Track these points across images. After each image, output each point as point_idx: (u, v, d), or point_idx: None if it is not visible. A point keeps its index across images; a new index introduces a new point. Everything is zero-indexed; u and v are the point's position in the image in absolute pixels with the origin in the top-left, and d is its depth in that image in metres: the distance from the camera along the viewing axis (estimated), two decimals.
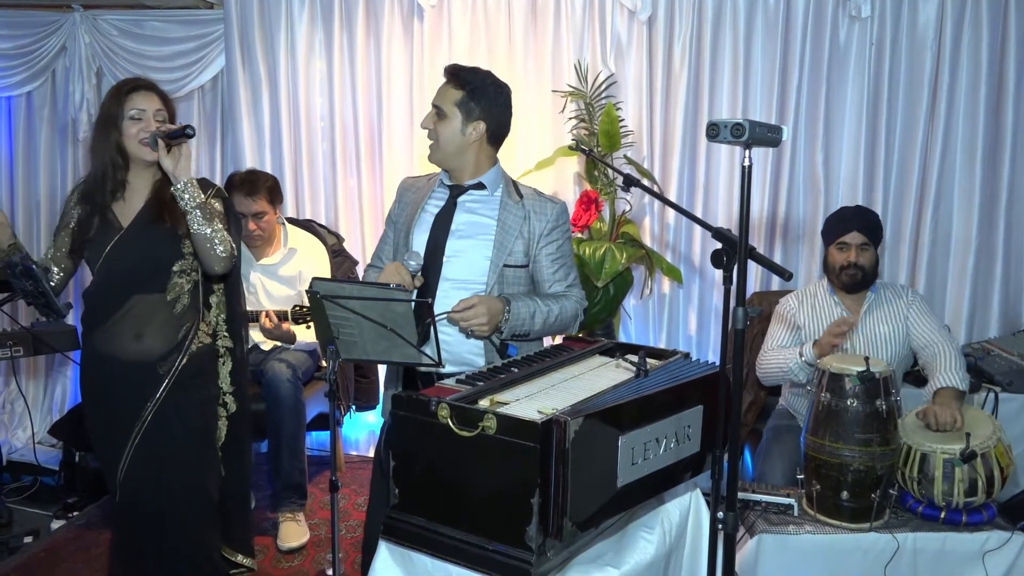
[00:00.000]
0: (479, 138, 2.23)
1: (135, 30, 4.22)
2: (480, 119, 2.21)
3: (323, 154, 4.14)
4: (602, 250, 3.42)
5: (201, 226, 2.26)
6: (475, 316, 2.07)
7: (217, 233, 2.28)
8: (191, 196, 2.24)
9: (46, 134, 4.45)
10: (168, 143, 2.23)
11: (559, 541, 1.60)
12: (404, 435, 1.73)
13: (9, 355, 3.29)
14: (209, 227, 2.26)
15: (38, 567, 3.03)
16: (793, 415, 3.06)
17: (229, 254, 2.32)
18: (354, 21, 3.98)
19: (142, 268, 2.35)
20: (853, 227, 2.92)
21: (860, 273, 2.91)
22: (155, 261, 2.34)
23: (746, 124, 1.63)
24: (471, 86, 2.21)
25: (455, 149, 2.23)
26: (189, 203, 2.24)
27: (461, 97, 2.20)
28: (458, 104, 2.20)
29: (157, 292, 2.35)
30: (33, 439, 4.17)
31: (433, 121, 2.24)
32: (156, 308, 2.36)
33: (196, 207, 2.25)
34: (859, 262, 2.90)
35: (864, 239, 2.91)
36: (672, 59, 3.80)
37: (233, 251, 2.35)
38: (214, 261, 2.30)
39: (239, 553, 2.72)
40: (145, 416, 2.35)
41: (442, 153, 2.25)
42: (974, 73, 3.62)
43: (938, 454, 2.41)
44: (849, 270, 2.91)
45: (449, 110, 2.21)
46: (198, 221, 2.25)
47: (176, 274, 2.37)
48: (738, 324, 1.73)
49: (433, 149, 2.26)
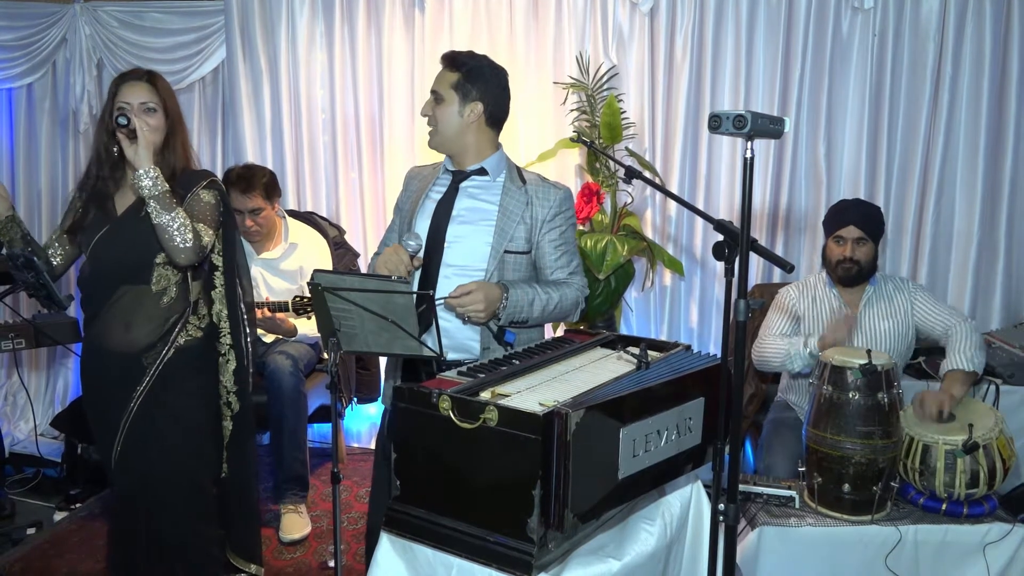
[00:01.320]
0: (477, 119, 2.23)
1: (135, 21, 4.21)
2: (477, 100, 2.22)
3: (324, 146, 4.13)
4: (603, 242, 3.42)
5: (158, 216, 2.24)
6: (472, 302, 2.07)
7: (175, 223, 2.25)
8: (148, 184, 2.22)
9: (47, 126, 4.44)
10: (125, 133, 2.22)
11: (560, 532, 1.60)
12: (406, 427, 1.73)
13: (11, 347, 3.29)
14: (166, 217, 2.24)
15: (40, 558, 3.04)
16: (791, 407, 3.06)
17: (193, 245, 2.28)
18: (355, 13, 3.97)
19: (127, 259, 2.35)
20: (850, 221, 2.89)
21: (855, 268, 2.89)
22: (140, 252, 2.34)
23: (748, 115, 1.63)
24: (467, 67, 2.21)
25: (454, 132, 2.23)
26: (146, 192, 2.23)
27: (457, 79, 2.21)
28: (454, 86, 2.21)
29: (143, 283, 2.36)
30: (35, 431, 4.19)
31: (431, 107, 2.24)
32: (142, 299, 2.36)
33: (152, 196, 2.23)
34: (855, 256, 2.88)
35: (861, 233, 2.88)
36: (674, 50, 3.79)
37: (200, 243, 2.31)
38: (175, 252, 2.28)
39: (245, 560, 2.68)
40: (131, 406, 2.36)
41: (441, 137, 2.25)
42: (977, 64, 3.60)
43: (940, 445, 2.42)
44: (844, 264, 2.89)
45: (446, 93, 2.21)
46: (155, 211, 2.24)
47: (160, 266, 2.36)
48: (740, 316, 1.73)
49: (432, 135, 2.27)
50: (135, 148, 2.23)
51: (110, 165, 2.38)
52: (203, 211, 2.37)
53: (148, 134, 2.25)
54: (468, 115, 2.22)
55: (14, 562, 3.02)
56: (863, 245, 2.89)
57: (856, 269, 2.89)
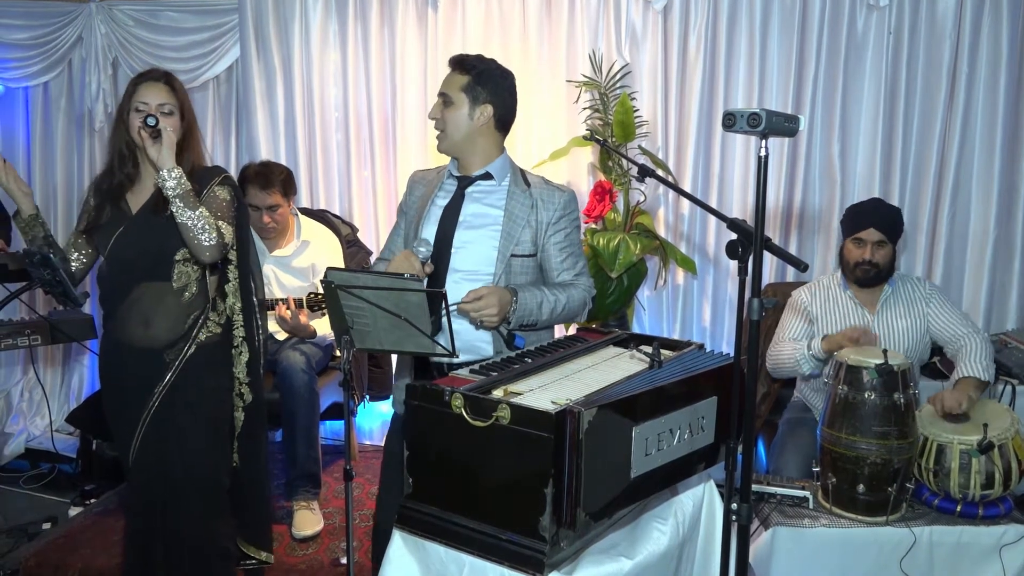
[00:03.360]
0: (487, 122, 2.23)
1: (150, 20, 4.24)
2: (487, 102, 2.21)
3: (337, 144, 4.14)
4: (616, 241, 3.41)
5: (182, 215, 2.26)
6: (486, 307, 2.07)
7: (199, 221, 2.27)
8: (172, 185, 2.25)
9: (62, 124, 4.47)
10: (149, 133, 2.25)
11: (572, 531, 1.60)
12: (418, 425, 1.73)
13: (27, 344, 3.31)
14: (191, 215, 2.26)
15: (55, 553, 3.06)
16: (808, 408, 3.05)
17: (217, 243, 2.31)
18: (368, 12, 3.98)
19: (146, 256, 2.36)
20: (871, 223, 2.86)
21: (874, 270, 2.86)
22: (158, 250, 2.35)
23: (763, 114, 1.62)
24: (476, 70, 2.21)
25: (463, 136, 2.22)
26: (170, 191, 2.25)
27: (467, 82, 2.20)
28: (464, 89, 2.20)
29: (163, 280, 2.37)
30: (51, 427, 4.22)
31: (440, 110, 2.23)
32: (163, 296, 2.37)
33: (177, 195, 2.25)
34: (874, 259, 2.85)
35: (881, 236, 2.85)
36: (687, 49, 3.77)
37: (223, 240, 2.34)
38: (199, 250, 2.30)
39: (255, 547, 2.71)
40: (152, 403, 2.37)
41: (450, 141, 2.24)
42: (993, 62, 3.57)
43: (955, 445, 2.40)
44: (863, 266, 2.87)
45: (456, 96, 2.20)
46: (179, 210, 2.26)
47: (180, 263, 2.37)
48: (753, 315, 1.72)
49: (441, 139, 2.26)
50: (158, 148, 2.25)
51: (132, 163, 2.40)
52: (221, 208, 2.39)
53: (171, 134, 2.28)
54: (478, 118, 2.21)
55: (29, 557, 3.04)
56: (883, 248, 2.86)
57: (875, 272, 2.86)
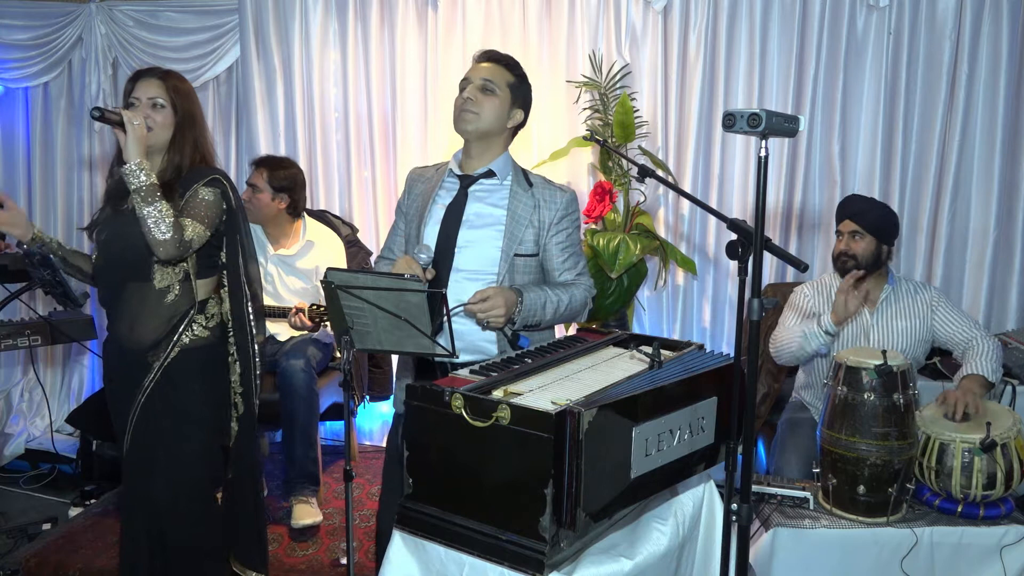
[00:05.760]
0: (514, 126, 2.27)
1: (150, 20, 4.24)
2: (521, 108, 2.26)
3: (337, 145, 4.14)
4: (616, 241, 3.41)
5: (140, 208, 2.21)
6: (492, 307, 2.06)
7: (155, 215, 2.21)
8: (133, 178, 2.20)
9: (63, 125, 4.47)
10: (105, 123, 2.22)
11: (572, 531, 1.60)
12: (418, 425, 1.73)
13: (27, 344, 3.31)
14: (147, 208, 2.21)
15: (55, 554, 3.07)
16: (806, 407, 3.05)
17: (172, 239, 2.23)
18: (368, 12, 3.98)
19: (128, 255, 2.33)
20: (845, 215, 2.93)
21: (852, 261, 2.88)
22: (139, 249, 2.30)
23: (763, 114, 1.62)
24: (518, 73, 2.26)
25: (492, 127, 2.22)
26: (131, 185, 2.21)
27: (514, 81, 2.24)
28: (510, 86, 2.23)
29: (145, 280, 2.34)
30: (51, 427, 4.23)
31: (479, 92, 2.21)
32: (146, 296, 2.34)
33: (136, 189, 2.21)
34: (851, 251, 2.88)
35: (855, 227, 2.88)
36: (687, 49, 3.77)
37: (182, 236, 2.26)
38: (152, 244, 2.24)
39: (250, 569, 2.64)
40: (136, 404, 2.36)
41: (482, 125, 2.21)
42: (993, 62, 3.57)
43: (957, 443, 2.40)
44: (841, 257, 2.90)
45: (502, 89, 2.22)
46: (137, 204, 2.22)
47: (160, 263, 2.33)
48: (753, 315, 1.72)
49: (471, 120, 2.20)
50: (124, 141, 2.22)
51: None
52: (196, 207, 2.32)
53: (138, 128, 2.22)
54: (512, 118, 2.25)
55: (29, 557, 3.04)
56: (859, 239, 2.88)
57: (853, 263, 2.87)
